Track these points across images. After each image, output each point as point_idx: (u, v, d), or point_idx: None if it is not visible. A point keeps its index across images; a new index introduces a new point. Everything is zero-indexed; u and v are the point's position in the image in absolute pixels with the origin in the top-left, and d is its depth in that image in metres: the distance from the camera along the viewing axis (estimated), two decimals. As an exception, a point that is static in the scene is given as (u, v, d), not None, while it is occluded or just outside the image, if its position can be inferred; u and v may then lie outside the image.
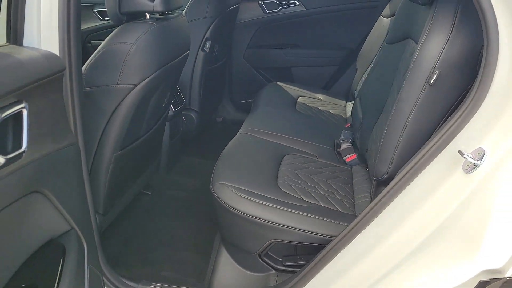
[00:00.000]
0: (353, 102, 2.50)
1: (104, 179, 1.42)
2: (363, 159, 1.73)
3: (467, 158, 0.85)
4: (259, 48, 2.75)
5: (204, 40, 2.09)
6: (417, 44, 1.25)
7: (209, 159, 2.29)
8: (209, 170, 1.55)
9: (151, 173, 1.99)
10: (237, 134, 1.84)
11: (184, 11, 2.08)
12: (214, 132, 2.82)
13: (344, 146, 1.85)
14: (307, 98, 2.43)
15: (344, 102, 2.54)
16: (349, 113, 2.35)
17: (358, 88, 2.38)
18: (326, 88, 2.74)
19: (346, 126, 2.13)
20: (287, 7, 2.61)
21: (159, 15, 1.46)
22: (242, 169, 1.54)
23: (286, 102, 2.28)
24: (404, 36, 1.42)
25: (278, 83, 2.55)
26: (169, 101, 1.81)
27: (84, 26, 2.39)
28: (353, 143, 1.86)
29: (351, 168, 1.73)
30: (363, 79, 2.35)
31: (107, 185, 1.44)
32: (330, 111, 2.33)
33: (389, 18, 2.24)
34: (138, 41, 1.25)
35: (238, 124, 2.63)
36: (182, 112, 2.24)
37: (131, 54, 1.25)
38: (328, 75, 2.70)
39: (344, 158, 1.80)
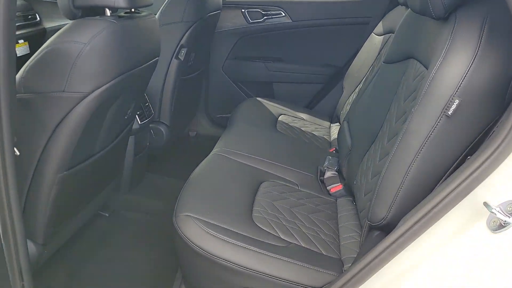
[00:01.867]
0: (337, 124, 2.34)
1: (45, 203, 1.18)
2: (349, 190, 1.55)
3: (494, 213, 0.67)
4: (240, 60, 2.56)
5: (179, 47, 1.88)
6: (423, 65, 1.09)
7: (178, 177, 2.08)
8: (176, 190, 1.36)
9: (109, 193, 1.75)
10: (210, 154, 1.63)
11: (158, 14, 1.87)
12: (186, 147, 2.59)
13: (328, 174, 1.67)
14: (288, 117, 2.25)
15: (328, 123, 2.37)
16: (333, 135, 2.18)
17: (344, 110, 2.21)
18: (309, 107, 2.56)
19: (331, 150, 1.95)
20: (272, 17, 2.44)
21: (124, 12, 1.25)
22: (212, 198, 1.32)
23: (266, 120, 2.09)
24: (406, 55, 1.26)
25: (258, 98, 2.36)
26: (134, 112, 1.58)
27: (49, 24, 2.14)
28: (338, 171, 1.68)
29: (336, 200, 1.54)
30: (350, 100, 2.19)
31: (48, 211, 1.19)
32: (313, 132, 2.15)
33: (382, 36, 2.10)
34: (92, 41, 1.03)
35: (213, 140, 2.44)
36: (150, 125, 2.01)
37: (83, 56, 1.02)
38: (312, 93, 2.53)
39: (328, 188, 1.61)
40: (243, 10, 2.45)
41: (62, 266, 1.50)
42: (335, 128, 2.28)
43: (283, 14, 2.42)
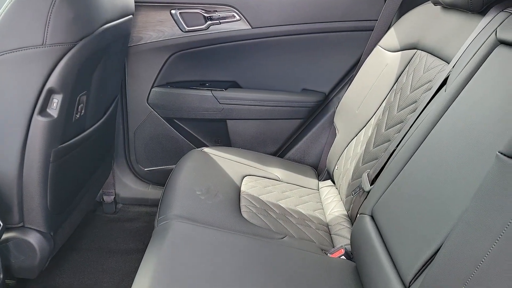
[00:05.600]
0: (329, 183, 1.54)
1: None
2: None
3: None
4: (174, 88, 1.67)
5: (44, 93, 0.95)
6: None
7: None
8: None
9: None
10: None
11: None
12: (97, 228, 1.66)
13: None
14: (256, 179, 1.43)
15: (316, 181, 1.56)
16: (329, 209, 1.38)
17: (342, 167, 1.41)
18: (281, 154, 1.74)
19: (336, 255, 1.14)
20: (221, 22, 1.57)
21: None
22: None
23: (222, 198, 1.24)
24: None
25: (205, 149, 1.50)
26: None
27: None
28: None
29: None
30: (351, 152, 1.40)
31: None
32: (299, 209, 1.34)
33: (398, 53, 1.32)
34: None
35: (141, 205, 1.59)
36: (8, 237, 1.07)
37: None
38: (285, 134, 1.70)
39: None
40: (173, 12, 1.55)
41: None
42: (327, 192, 1.49)
43: (238, 18, 1.55)
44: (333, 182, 1.53)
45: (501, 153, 0.59)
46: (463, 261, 0.63)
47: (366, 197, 1.13)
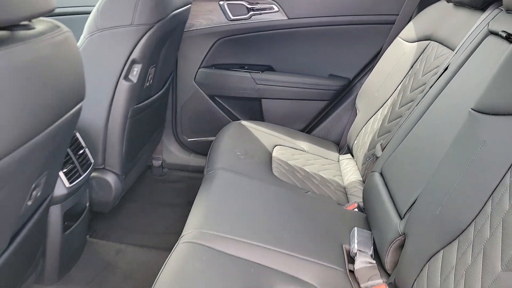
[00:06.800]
0: (349, 156, 1.78)
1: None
2: (398, 296, 1.01)
3: None
4: (218, 69, 1.94)
5: (129, 63, 1.24)
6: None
7: (136, 244, 1.48)
8: (134, 270, 1.12)
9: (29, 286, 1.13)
10: (178, 244, 1.03)
11: (94, 12, 1.21)
12: (149, 187, 1.96)
13: (360, 262, 1.10)
14: (286, 148, 1.67)
15: (336, 154, 1.80)
16: (348, 177, 1.62)
17: (360, 141, 1.65)
18: (308, 131, 1.98)
19: (350, 207, 1.39)
20: (262, 13, 1.82)
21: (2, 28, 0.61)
22: None
23: (258, 159, 1.50)
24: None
25: (243, 122, 1.76)
26: (49, 185, 0.94)
27: None
28: (374, 253, 1.12)
29: (380, 314, 0.99)
30: (369, 128, 1.63)
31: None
32: (321, 174, 1.58)
33: (415, 44, 1.54)
34: None
35: (183, 170, 1.83)
36: (93, 176, 1.37)
37: None
38: (312, 113, 1.95)
39: (363, 287, 1.06)
40: (221, 3, 1.82)
41: None
42: (346, 163, 1.72)
43: (276, 9, 1.80)
44: (352, 155, 1.76)
45: (472, 109, 0.82)
46: (439, 191, 0.86)
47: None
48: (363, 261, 1.10)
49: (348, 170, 1.67)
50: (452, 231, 0.82)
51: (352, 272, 1.09)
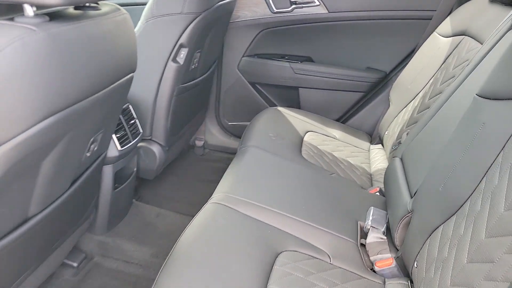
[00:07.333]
0: (379, 146, 1.84)
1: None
2: (404, 269, 1.08)
3: None
4: (260, 58, 2.07)
5: (177, 46, 1.41)
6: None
7: (174, 210, 1.65)
8: (171, 230, 0.98)
9: (80, 235, 1.34)
10: (207, 204, 1.18)
11: (151, 2, 1.39)
12: (190, 163, 2.14)
13: (373, 237, 1.19)
14: (317, 134, 1.77)
15: (368, 144, 1.87)
16: (376, 164, 1.69)
17: (391, 131, 1.71)
18: (343, 120, 2.06)
19: (372, 191, 1.46)
20: (303, 7, 1.92)
21: (74, 8, 0.79)
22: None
23: (289, 142, 1.61)
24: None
25: (279, 108, 1.88)
26: (104, 143, 1.13)
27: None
28: (386, 230, 1.21)
29: (384, 283, 1.07)
30: (399, 119, 1.68)
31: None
32: (349, 159, 1.67)
33: (450, 38, 1.57)
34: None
35: (223, 151, 1.99)
36: (140, 144, 1.56)
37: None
38: (348, 104, 2.02)
39: (372, 259, 1.14)
40: (266, -4, 1.95)
41: None
42: (376, 153, 1.79)
43: (317, 3, 1.90)
44: (383, 145, 1.82)
45: (477, 95, 0.88)
46: (443, 170, 0.93)
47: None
48: (375, 237, 1.19)
49: (377, 159, 1.74)
50: (452, 206, 0.89)
51: (363, 245, 1.18)
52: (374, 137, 1.97)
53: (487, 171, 0.82)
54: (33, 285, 1.12)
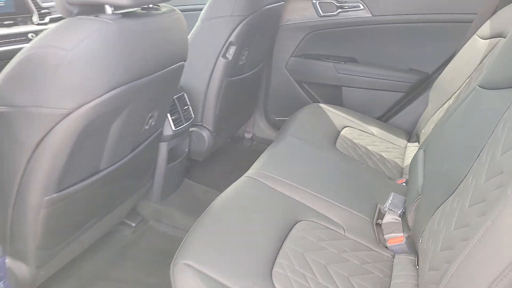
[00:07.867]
0: (416, 144, 1.90)
1: (33, 227, 1.03)
2: (413, 246, 1.18)
3: None
4: (306, 58, 2.23)
5: (227, 44, 1.63)
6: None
7: (219, 188, 1.86)
8: None
9: (137, 201, 1.60)
10: (242, 177, 1.37)
11: (206, 6, 1.63)
12: (237, 151, 2.36)
13: (388, 218, 1.30)
14: (354, 130, 1.88)
15: (405, 142, 1.94)
16: (409, 159, 1.76)
17: (426, 129, 1.78)
18: (383, 119, 2.15)
19: (399, 182, 1.56)
20: (348, 10, 2.06)
21: (141, 9, 1.03)
22: (226, 242, 1.06)
23: (325, 134, 1.75)
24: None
25: (320, 104, 2.02)
26: (160, 121, 1.38)
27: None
28: (403, 215, 1.31)
29: (393, 257, 1.18)
30: (435, 118, 1.75)
31: (38, 234, 1.05)
32: (382, 154, 1.76)
33: (488, 40, 1.62)
34: (76, 48, 0.82)
35: (269, 144, 2.18)
36: (192, 129, 1.81)
37: (65, 65, 0.82)
38: (389, 103, 2.11)
39: (385, 236, 1.26)
40: (314, 1, 2.11)
41: (69, 280, 1.37)
42: (412, 150, 1.86)
43: (362, 7, 2.02)
44: (419, 143, 1.88)
45: (478, 86, 0.97)
46: (447, 153, 1.03)
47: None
48: (391, 217, 1.30)
49: (412, 155, 1.81)
50: (451, 186, 0.99)
51: (379, 225, 1.30)
52: (412, 135, 2.03)
53: (480, 152, 0.91)
54: (100, 231, 1.39)
